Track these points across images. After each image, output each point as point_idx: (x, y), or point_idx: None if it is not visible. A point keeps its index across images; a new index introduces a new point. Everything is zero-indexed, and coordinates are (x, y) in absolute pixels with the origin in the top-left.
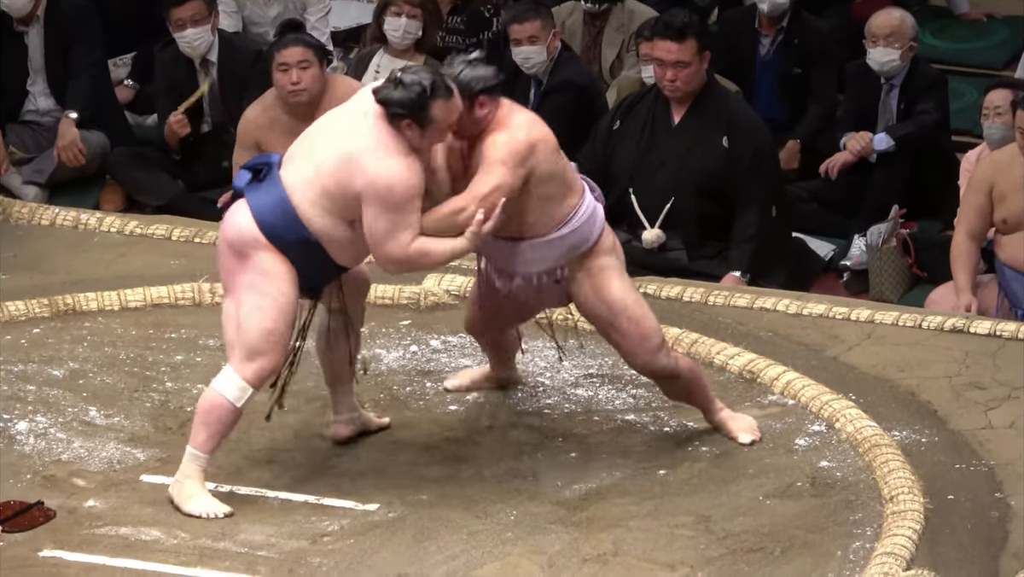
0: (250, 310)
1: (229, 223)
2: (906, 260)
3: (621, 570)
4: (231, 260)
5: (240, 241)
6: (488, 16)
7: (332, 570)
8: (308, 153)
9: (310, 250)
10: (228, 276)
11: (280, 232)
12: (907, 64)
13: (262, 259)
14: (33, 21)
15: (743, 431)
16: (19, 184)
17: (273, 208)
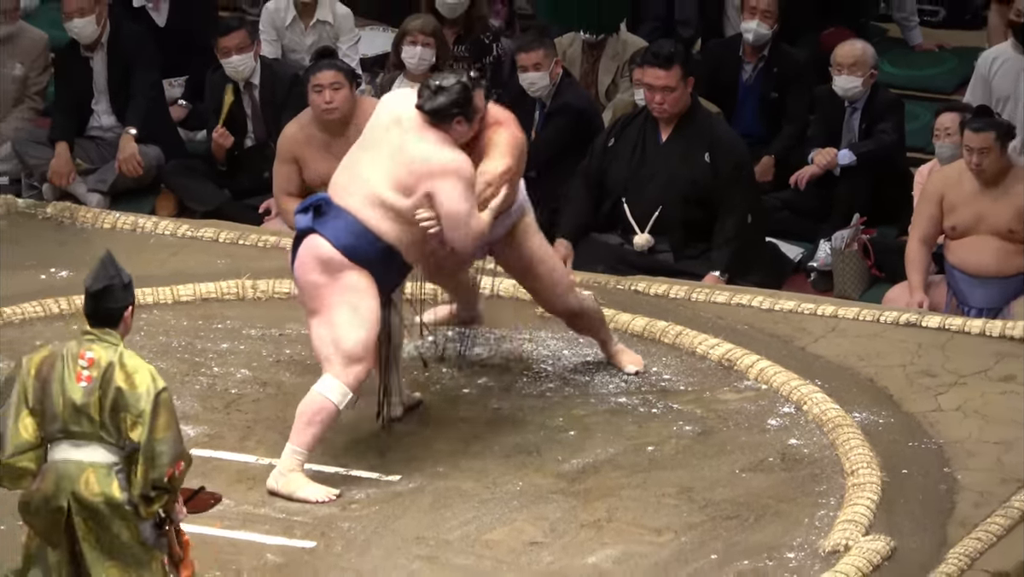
0: (345, 323)
1: (308, 255)
2: (866, 262)
3: (614, 534)
4: (314, 281)
5: (323, 264)
6: (488, 43)
7: (360, 533)
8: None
9: (388, 257)
10: (314, 298)
11: (360, 249)
12: (868, 89)
13: (348, 277)
14: (98, 47)
15: (630, 364)
16: (84, 192)
17: (348, 231)
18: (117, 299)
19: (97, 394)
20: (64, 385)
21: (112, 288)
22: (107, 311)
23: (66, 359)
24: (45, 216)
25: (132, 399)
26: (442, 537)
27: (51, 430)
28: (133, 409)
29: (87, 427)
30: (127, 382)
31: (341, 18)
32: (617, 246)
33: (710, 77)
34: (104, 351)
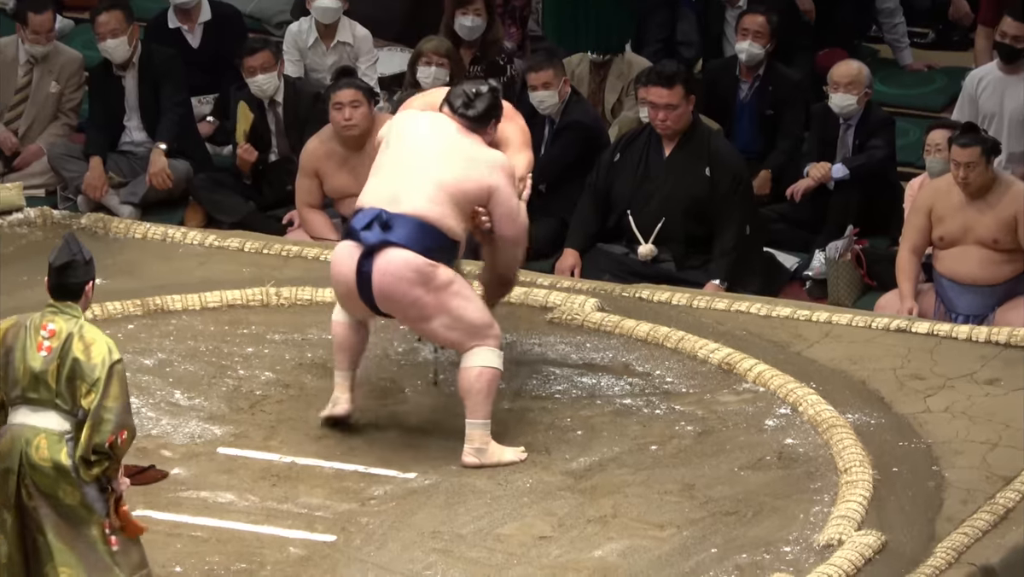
0: (462, 308)
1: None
2: (859, 271)
3: (619, 529)
4: (416, 295)
5: (418, 275)
6: (502, 64)
7: (378, 528)
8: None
9: (453, 252)
10: (419, 308)
11: (437, 248)
12: (862, 107)
13: (440, 275)
14: (129, 67)
15: None
16: (117, 204)
17: (421, 236)
18: (78, 274)
19: (56, 363)
20: (25, 353)
21: (74, 263)
22: (69, 285)
23: (29, 329)
24: (80, 226)
25: (88, 368)
26: (456, 531)
27: (12, 395)
28: (88, 378)
29: (44, 394)
30: (84, 353)
31: (360, 39)
32: (622, 256)
33: (709, 95)
34: (65, 323)
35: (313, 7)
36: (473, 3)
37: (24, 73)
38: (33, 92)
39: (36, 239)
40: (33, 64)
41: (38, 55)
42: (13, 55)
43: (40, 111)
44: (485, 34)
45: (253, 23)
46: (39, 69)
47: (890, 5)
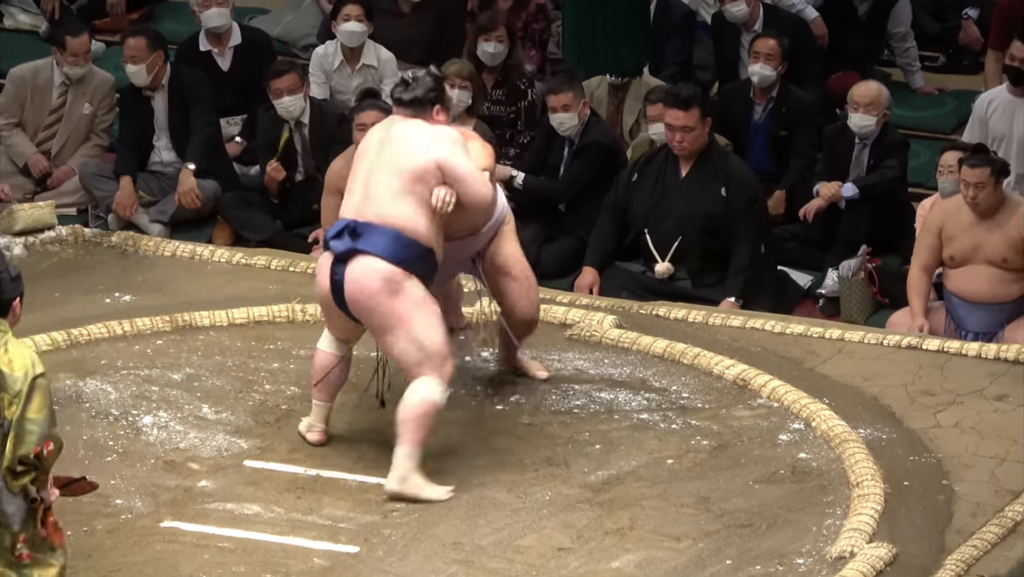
0: (426, 329)
1: (366, 276)
2: (871, 289)
3: (636, 541)
4: (382, 303)
5: (385, 283)
6: (524, 88)
7: (400, 539)
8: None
9: (427, 258)
10: (383, 317)
11: (406, 256)
12: (879, 128)
13: (411, 287)
14: (159, 88)
15: (539, 371)
16: (146, 222)
17: (392, 243)
18: (5, 291)
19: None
20: None
21: (1, 281)
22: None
23: None
24: (110, 244)
25: (10, 381)
26: (477, 543)
27: None
28: (10, 389)
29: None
30: (8, 366)
31: (385, 62)
32: (639, 274)
33: (724, 117)
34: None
35: (339, 30)
36: (496, 30)
37: (59, 95)
38: (67, 113)
39: (68, 256)
40: (68, 86)
41: (74, 77)
42: (48, 77)
43: (73, 132)
44: (506, 59)
45: (280, 46)
46: (73, 91)
47: (902, 30)
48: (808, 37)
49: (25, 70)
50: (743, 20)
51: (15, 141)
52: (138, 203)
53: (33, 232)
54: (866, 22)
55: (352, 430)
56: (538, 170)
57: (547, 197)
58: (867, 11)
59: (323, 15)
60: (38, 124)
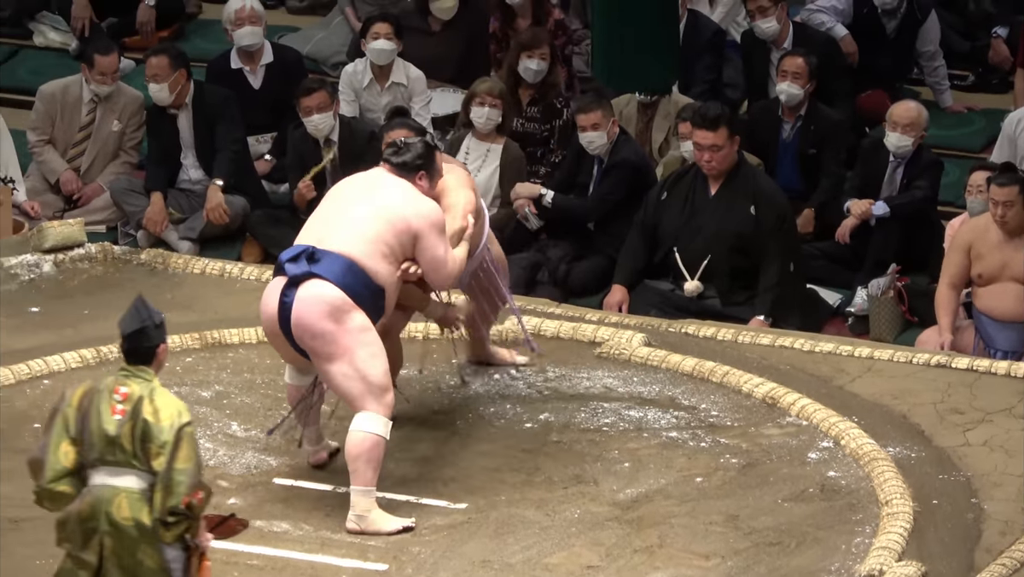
0: (368, 360)
1: (311, 300)
2: (900, 307)
3: (665, 559)
4: (327, 328)
5: (334, 308)
6: (560, 107)
7: (429, 557)
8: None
9: (376, 297)
10: (326, 344)
11: (358, 289)
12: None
13: (355, 318)
14: (183, 106)
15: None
16: (176, 239)
17: (345, 273)
18: (151, 338)
19: (128, 425)
20: (100, 417)
21: (145, 329)
22: (141, 350)
23: (103, 393)
24: (139, 262)
25: (156, 431)
26: (505, 561)
27: (90, 458)
28: (157, 440)
29: (120, 456)
30: (154, 416)
31: (414, 80)
32: (669, 292)
33: (752, 135)
34: (137, 386)
35: (368, 49)
36: (539, 47)
37: (88, 112)
38: (96, 130)
39: (97, 273)
40: (96, 103)
41: (102, 95)
42: (77, 94)
43: (102, 149)
44: (545, 77)
45: (310, 64)
46: (102, 108)
47: (931, 48)
48: (837, 55)
49: (55, 87)
50: (773, 38)
51: (47, 158)
52: (168, 220)
53: (63, 249)
54: (895, 41)
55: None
56: (567, 188)
57: (577, 215)
58: (895, 30)
59: (353, 33)
60: (68, 141)
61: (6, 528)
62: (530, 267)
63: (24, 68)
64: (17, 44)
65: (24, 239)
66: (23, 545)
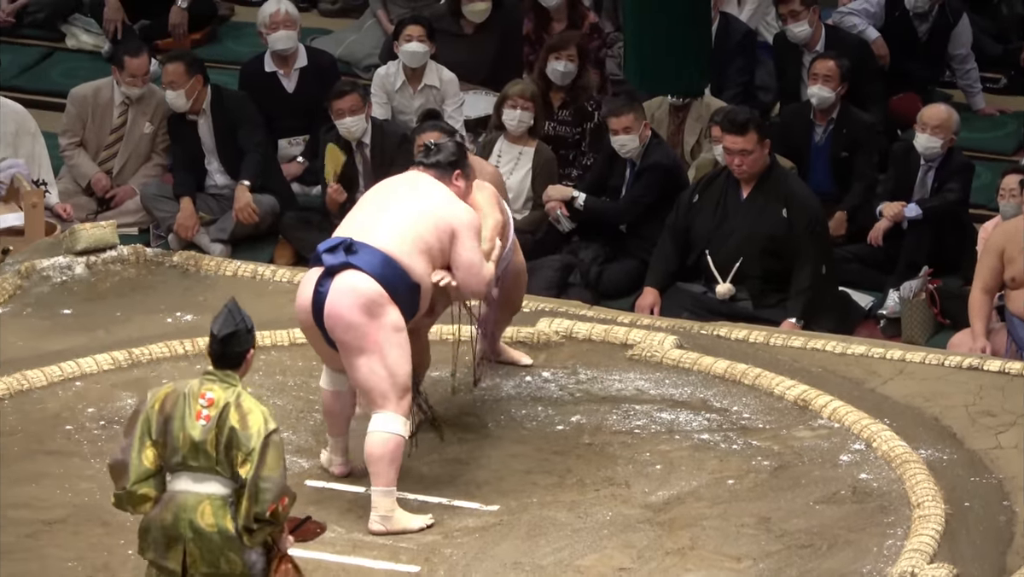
0: (398, 360)
1: (346, 291)
2: (932, 310)
3: (697, 561)
4: (360, 321)
5: (369, 301)
6: (591, 110)
7: (461, 559)
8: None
9: (412, 296)
10: (358, 336)
11: (395, 284)
12: (945, 151)
13: (390, 313)
14: (201, 112)
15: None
16: (208, 242)
17: (382, 266)
18: (241, 343)
19: (214, 432)
20: (184, 422)
21: (237, 333)
22: (231, 354)
23: (188, 398)
24: (171, 264)
25: (243, 438)
26: (537, 563)
27: (172, 462)
28: (244, 447)
29: (204, 462)
30: (240, 422)
31: (447, 83)
32: (701, 294)
33: (784, 138)
34: (223, 392)
35: (401, 51)
36: (567, 49)
37: (119, 114)
38: (127, 133)
39: (129, 276)
40: (128, 105)
41: (133, 97)
42: (109, 97)
43: (134, 151)
44: (576, 79)
45: (343, 66)
46: (134, 110)
47: (963, 51)
48: (869, 58)
49: (86, 90)
50: (805, 41)
51: (78, 161)
52: (199, 224)
53: (95, 252)
54: (926, 44)
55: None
56: (599, 191)
57: (608, 218)
58: (927, 33)
59: (385, 36)
60: (99, 143)
61: (39, 529)
62: (562, 269)
63: (56, 70)
64: (50, 46)
65: (56, 241)
66: (55, 546)
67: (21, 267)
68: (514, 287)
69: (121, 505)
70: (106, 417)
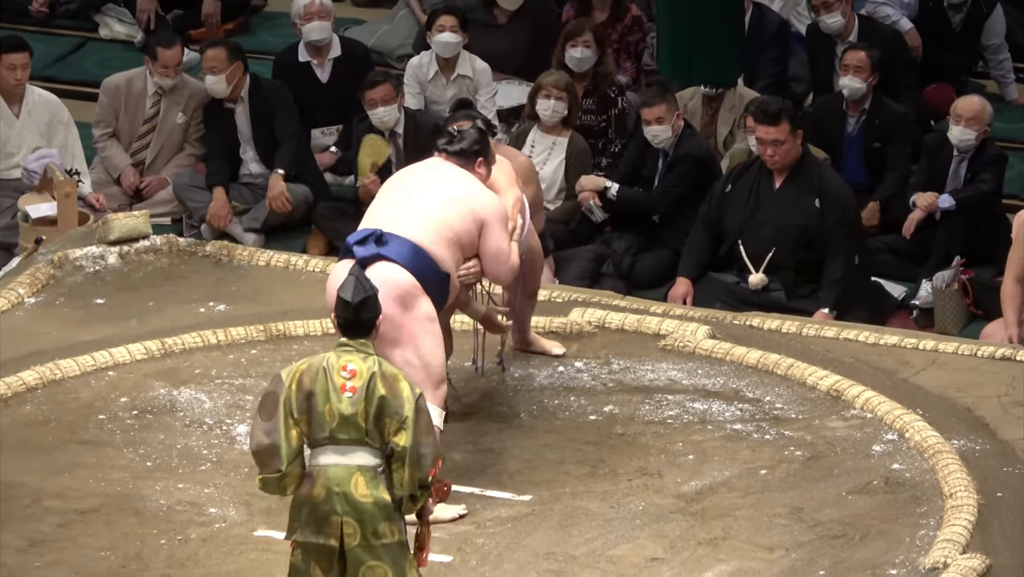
0: (431, 350)
1: (381, 283)
2: (965, 300)
3: (729, 551)
4: (394, 312)
5: (403, 292)
6: (614, 96)
7: (493, 548)
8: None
9: (442, 286)
10: (392, 328)
11: (426, 274)
12: (979, 143)
13: (423, 304)
14: (239, 100)
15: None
16: (240, 232)
17: (413, 257)
18: (372, 309)
19: (363, 404)
20: (329, 396)
21: (369, 299)
22: (364, 321)
23: (328, 372)
24: (204, 254)
25: (396, 406)
26: (569, 553)
27: (318, 437)
28: (397, 416)
29: (353, 434)
30: (390, 391)
31: (480, 73)
32: (733, 284)
33: (817, 129)
34: (363, 362)
35: (434, 41)
36: (582, 35)
37: (152, 104)
38: (160, 123)
39: (162, 265)
40: (161, 95)
41: (166, 87)
42: (141, 87)
43: (167, 141)
44: (596, 66)
45: (376, 56)
46: (166, 100)
47: (996, 42)
48: (903, 48)
49: (119, 80)
50: (838, 32)
51: (111, 153)
52: (232, 214)
53: (128, 241)
54: (960, 34)
55: (445, 440)
56: (632, 181)
57: (641, 209)
58: (961, 23)
59: (418, 26)
60: (132, 134)
61: (72, 519)
62: (595, 259)
63: (90, 60)
64: (83, 36)
65: (89, 231)
66: (88, 536)
67: (54, 257)
68: (530, 272)
69: (272, 488)
70: (139, 407)
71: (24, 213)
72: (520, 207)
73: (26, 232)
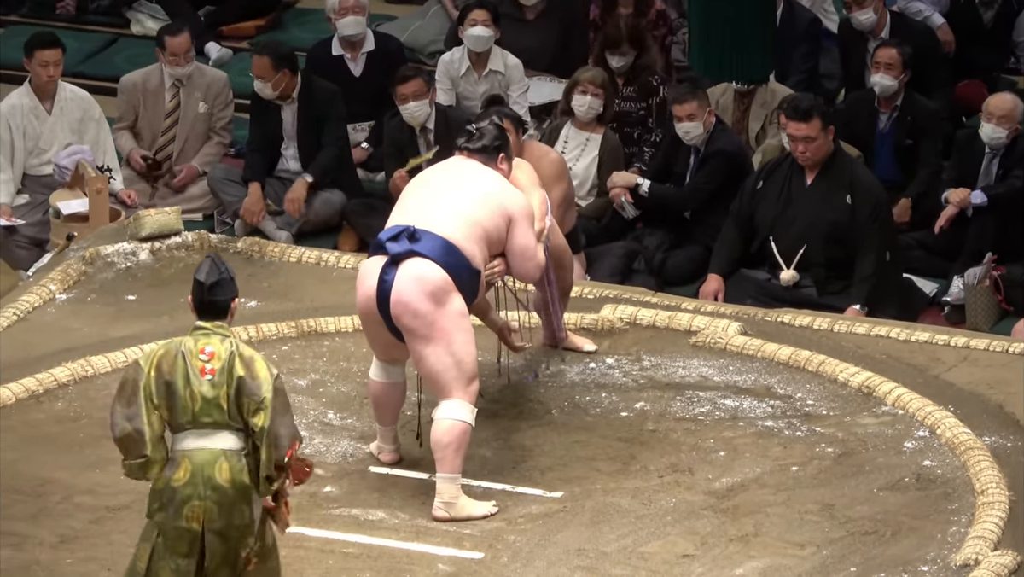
0: (464, 345)
1: (413, 279)
2: (996, 297)
3: (760, 548)
4: (427, 308)
5: (436, 288)
6: (656, 84)
7: (524, 545)
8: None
9: (472, 282)
10: (425, 324)
11: (458, 271)
12: (1010, 140)
13: (455, 300)
14: (289, 98)
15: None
16: (273, 229)
17: (445, 253)
18: (227, 291)
19: (224, 386)
20: (190, 380)
21: (223, 281)
22: (219, 303)
23: (187, 356)
24: (236, 250)
25: (254, 387)
26: (600, 549)
27: (180, 421)
28: (255, 396)
29: (217, 416)
30: (247, 371)
31: (512, 68)
32: (765, 281)
33: (849, 126)
34: (221, 344)
35: (466, 36)
36: (619, 46)
37: (171, 97)
38: (182, 114)
39: (194, 262)
40: (179, 87)
41: (181, 77)
42: (158, 81)
43: (191, 132)
44: (636, 59)
45: (407, 52)
46: (185, 91)
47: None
48: (934, 45)
49: (135, 77)
50: (870, 28)
51: (120, 144)
52: (265, 210)
53: (159, 237)
54: (991, 30)
55: (477, 437)
56: (663, 178)
57: (673, 205)
58: (992, 19)
59: (450, 21)
60: (155, 129)
61: (104, 516)
62: (626, 256)
63: (121, 57)
64: (115, 33)
65: (121, 227)
66: (120, 533)
67: (85, 253)
68: (559, 267)
69: (136, 474)
70: None
71: (56, 209)
72: (546, 210)
73: (57, 228)
